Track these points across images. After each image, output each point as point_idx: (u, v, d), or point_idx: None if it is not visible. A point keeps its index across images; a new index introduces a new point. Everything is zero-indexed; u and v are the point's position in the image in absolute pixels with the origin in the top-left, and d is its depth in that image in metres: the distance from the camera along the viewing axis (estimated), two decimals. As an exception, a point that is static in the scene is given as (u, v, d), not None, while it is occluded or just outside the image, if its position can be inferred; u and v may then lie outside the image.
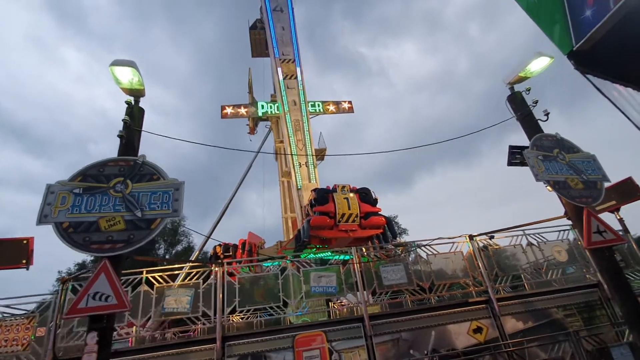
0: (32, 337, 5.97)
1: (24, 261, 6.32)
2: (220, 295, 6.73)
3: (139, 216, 5.31)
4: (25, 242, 6.40)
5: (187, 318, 6.68)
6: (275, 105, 21.05)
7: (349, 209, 10.70)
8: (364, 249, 8.41)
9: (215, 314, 6.58)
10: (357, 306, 7.15)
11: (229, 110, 21.26)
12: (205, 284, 6.90)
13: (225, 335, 6.45)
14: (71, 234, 5.00)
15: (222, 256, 12.43)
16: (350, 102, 22.12)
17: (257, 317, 10.39)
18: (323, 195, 11.01)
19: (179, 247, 38.09)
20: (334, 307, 10.33)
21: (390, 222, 11.33)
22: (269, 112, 21.28)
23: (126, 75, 6.08)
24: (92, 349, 4.46)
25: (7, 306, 6.15)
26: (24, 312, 6.23)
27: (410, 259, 7.83)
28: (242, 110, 21.62)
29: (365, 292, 7.13)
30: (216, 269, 6.96)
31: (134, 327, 7.94)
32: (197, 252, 19.38)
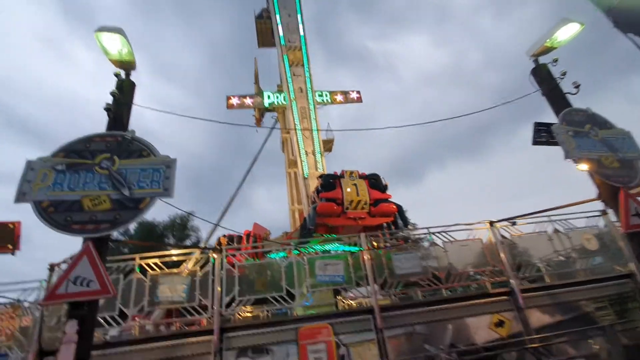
0: (17, 328, 5.59)
1: (10, 246, 5.92)
2: (219, 284, 6.25)
3: (126, 195, 4.84)
4: (11, 226, 6.00)
5: (183, 308, 6.22)
6: (282, 95, 20.51)
7: (358, 195, 10.12)
8: (373, 240, 7.85)
9: (212, 305, 6.11)
10: (366, 298, 6.61)
11: (234, 100, 20.84)
12: (202, 272, 6.43)
13: (224, 327, 5.98)
14: (51, 213, 4.55)
15: (226, 247, 11.99)
16: (358, 92, 21.46)
17: (263, 310, 9.95)
18: (330, 181, 10.44)
19: (188, 242, 38.03)
20: (342, 301, 9.81)
21: (401, 209, 10.71)
22: (275, 103, 20.77)
23: (115, 45, 5.59)
24: (71, 339, 3.99)
25: (-8, 293, 5.77)
26: (9, 300, 5.84)
27: (424, 247, 7.23)
28: (248, 101, 21.17)
29: (375, 282, 6.57)
30: (214, 255, 6.48)
31: (138, 318, 7.58)
32: (204, 243, 19.07)
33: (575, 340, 5.85)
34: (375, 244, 7.08)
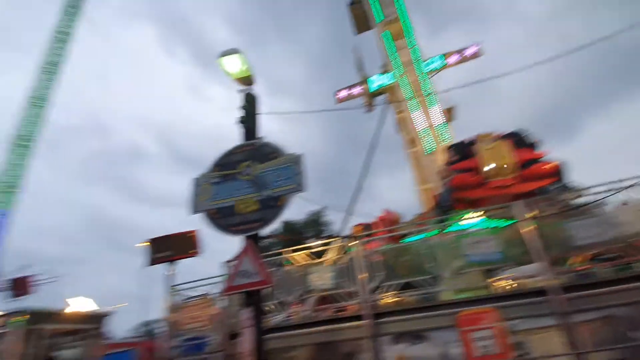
0: (212, 315, 6.86)
1: (193, 251, 7.35)
2: (362, 271, 6.28)
3: (268, 195, 5.34)
4: (190, 234, 7.45)
5: (333, 294, 6.52)
6: (389, 74, 19.68)
7: (499, 160, 8.63)
8: (532, 209, 6.55)
9: (360, 291, 6.18)
10: (533, 278, 5.54)
11: (342, 93, 21.15)
12: (344, 260, 6.59)
13: (377, 313, 5.96)
14: (217, 219, 5.39)
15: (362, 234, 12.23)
16: (477, 45, 18.67)
17: (411, 295, 9.62)
18: (462, 150, 9.23)
19: (325, 236, 40.98)
20: (499, 282, 8.60)
21: (562, 167, 8.60)
22: (383, 84, 20.09)
23: (235, 64, 6.25)
24: (249, 323, 4.62)
25: (189, 289, 7.26)
26: (201, 294, 7.24)
27: (613, 208, 5.60)
28: (356, 90, 21.16)
29: (544, 258, 5.43)
30: (352, 243, 6.55)
31: (297, 305, 8.44)
32: (338, 235, 20.03)
33: None
34: (536, 212, 5.86)
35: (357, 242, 6.70)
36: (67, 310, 13.47)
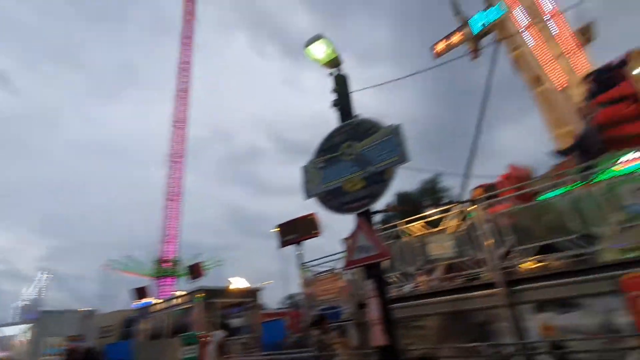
0: (341, 287, 7.45)
1: (316, 231, 8.03)
2: (487, 237, 5.78)
3: (372, 171, 5.39)
4: (310, 217, 8.15)
5: (458, 264, 6.22)
6: (494, 7, 16.76)
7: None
8: None
9: (488, 258, 5.72)
10: None
11: (441, 45, 19.11)
12: (466, 226, 6.17)
13: (511, 280, 5.44)
14: (329, 201, 5.76)
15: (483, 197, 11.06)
16: None
17: (554, 258, 8.32)
18: (607, 77, 7.24)
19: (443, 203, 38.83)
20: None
21: None
22: (489, 21, 17.26)
23: (320, 50, 6.39)
24: (373, 294, 4.86)
25: (317, 265, 8.02)
26: (328, 269, 7.91)
27: None
28: (456, 38, 18.82)
29: None
30: (472, 208, 6.06)
31: (423, 275, 8.43)
32: (460, 200, 18.61)
33: None
34: None
35: (478, 206, 6.17)
36: (231, 287, 16.62)
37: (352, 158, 5.74)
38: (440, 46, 19.10)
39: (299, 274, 8.24)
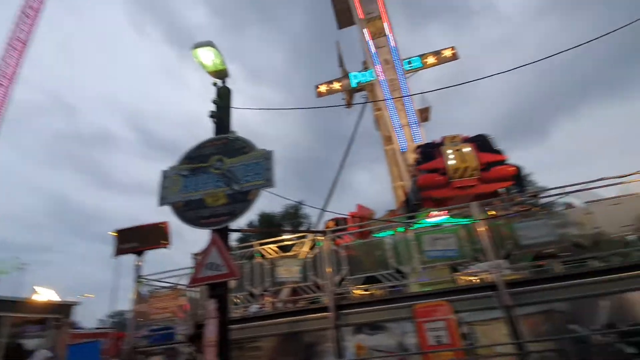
0: (180, 306, 6.92)
1: (164, 242, 7.35)
2: (328, 265, 6.51)
3: (237, 189, 5.43)
4: (161, 225, 7.44)
5: (300, 287, 6.73)
6: (369, 72, 19.90)
7: (463, 161, 9.09)
8: (490, 209, 6.96)
9: (327, 284, 6.42)
10: (488, 273, 5.94)
11: (323, 88, 21.22)
12: (313, 254, 6.80)
13: (340, 304, 6.22)
14: (185, 212, 5.44)
15: (331, 229, 12.47)
16: (452, 48, 19.22)
17: (378, 288, 10.02)
18: (429, 151, 9.66)
19: (301, 229, 41.18)
20: (461, 277, 9.10)
21: (520, 171, 9.19)
22: (363, 81, 20.31)
23: (208, 57, 6.24)
24: (213, 314, 4.74)
25: (157, 280, 7.28)
26: (170, 285, 7.27)
27: (559, 211, 6.06)
28: (336, 85, 21.28)
29: (496, 256, 5.83)
30: (321, 238, 6.76)
31: (269, 297, 8.61)
32: (315, 229, 20.28)
33: None
34: (494, 212, 6.26)
35: (326, 236, 6.92)
36: (33, 299, 13.10)
37: (219, 172, 5.66)
38: (323, 88, 21.21)
39: (133, 288, 7.26)
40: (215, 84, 6.48)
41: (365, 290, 8.86)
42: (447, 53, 19.11)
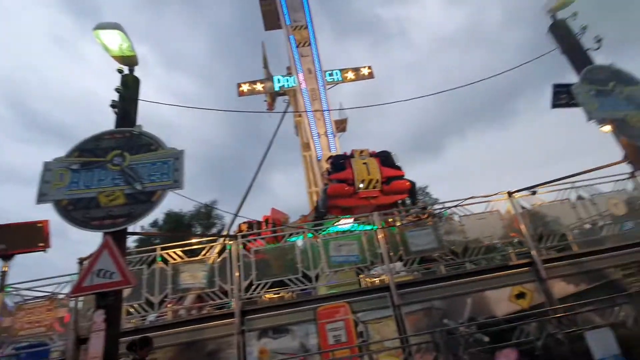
0: (58, 318, 6.01)
1: (41, 244, 6.31)
2: (236, 270, 6.44)
3: (138, 189, 5.00)
4: (40, 225, 6.37)
5: (205, 293, 6.48)
6: (292, 77, 20.22)
7: (369, 174, 10.00)
8: (389, 218, 7.78)
9: (234, 289, 6.33)
10: (384, 275, 6.63)
11: (245, 87, 20.76)
12: (220, 258, 6.63)
13: (245, 310, 6.18)
14: (71, 211, 4.78)
15: (242, 233, 12.24)
16: (369, 67, 20.81)
17: (288, 292, 10.16)
18: (339, 162, 10.37)
19: (214, 230, 39.10)
20: (364, 280, 9.92)
21: (414, 186, 10.53)
22: (286, 86, 20.54)
23: (115, 41, 5.63)
24: (100, 327, 4.26)
25: (29, 289, 6.20)
26: (47, 294, 6.26)
27: (441, 222, 7.10)
28: (259, 87, 21.03)
29: (391, 260, 6.55)
30: (230, 242, 6.64)
31: (172, 304, 7.98)
32: (226, 231, 19.57)
33: (601, 308, 5.65)
34: (391, 220, 7.02)
35: (236, 241, 6.83)
36: None
37: (118, 169, 5.15)
38: (245, 87, 20.74)
39: (-5, 300, 6.03)
40: (121, 71, 5.89)
41: (276, 294, 8.98)
42: (365, 71, 20.62)
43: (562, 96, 6.09)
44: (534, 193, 6.93)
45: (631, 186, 6.97)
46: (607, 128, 5.42)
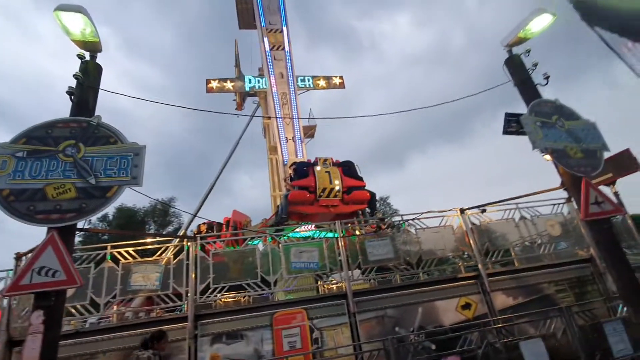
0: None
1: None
2: (193, 272, 6.25)
3: (92, 183, 4.72)
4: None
5: (157, 296, 6.21)
6: (263, 79, 20.09)
7: (330, 183, 10.20)
8: (349, 225, 7.97)
9: (189, 292, 6.13)
10: (342, 282, 6.77)
11: (214, 84, 20.28)
12: (176, 260, 6.40)
13: (199, 314, 6.01)
14: (12, 202, 4.40)
15: (201, 235, 11.86)
16: (341, 77, 21.25)
17: (244, 296, 10.00)
18: (302, 169, 10.47)
19: (170, 228, 37.34)
20: (323, 286, 10.02)
21: (374, 197, 10.88)
22: (257, 87, 20.35)
23: (77, 25, 5.31)
24: (38, 329, 3.96)
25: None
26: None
27: (398, 233, 7.41)
28: (229, 85, 20.65)
29: (349, 268, 6.71)
30: (188, 243, 6.44)
31: (119, 306, 7.50)
32: (184, 231, 18.85)
33: (535, 320, 6.19)
34: (351, 228, 7.20)
35: (194, 242, 6.63)
36: None
37: (71, 160, 4.83)
38: (214, 84, 20.26)
39: None
40: (81, 57, 5.55)
41: (233, 297, 8.80)
42: (336, 81, 21.01)
43: (513, 124, 6.64)
44: (483, 211, 7.47)
45: (566, 210, 7.74)
46: (549, 157, 6.01)
